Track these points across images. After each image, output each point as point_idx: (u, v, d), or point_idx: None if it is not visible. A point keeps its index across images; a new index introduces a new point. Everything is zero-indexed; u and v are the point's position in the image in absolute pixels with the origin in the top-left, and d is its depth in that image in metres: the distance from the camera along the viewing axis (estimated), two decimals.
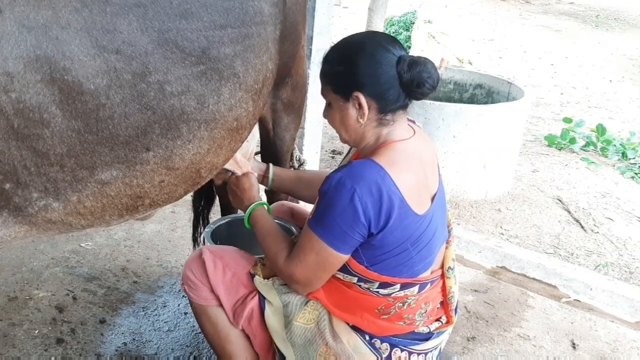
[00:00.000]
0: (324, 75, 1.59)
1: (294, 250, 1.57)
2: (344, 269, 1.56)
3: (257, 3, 1.59)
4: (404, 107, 1.55)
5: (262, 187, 2.08)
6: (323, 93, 1.61)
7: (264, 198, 2.28)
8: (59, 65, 1.26)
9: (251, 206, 1.80)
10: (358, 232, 1.46)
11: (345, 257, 1.51)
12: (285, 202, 2.19)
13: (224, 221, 2.17)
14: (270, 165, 2.02)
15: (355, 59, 1.51)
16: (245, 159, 1.98)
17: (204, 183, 1.76)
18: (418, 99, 1.54)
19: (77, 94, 1.29)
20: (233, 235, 2.10)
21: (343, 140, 1.64)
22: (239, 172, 1.92)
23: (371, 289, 1.57)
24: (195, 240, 2.65)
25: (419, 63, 1.49)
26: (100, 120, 1.35)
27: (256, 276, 1.70)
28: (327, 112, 1.61)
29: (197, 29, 1.45)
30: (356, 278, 1.56)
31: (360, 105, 1.51)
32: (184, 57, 1.43)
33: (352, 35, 1.63)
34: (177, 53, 1.42)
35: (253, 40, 1.59)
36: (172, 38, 1.41)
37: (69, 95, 1.29)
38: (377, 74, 1.49)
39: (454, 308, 1.71)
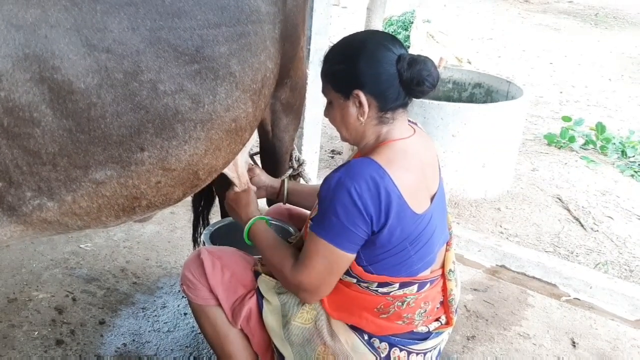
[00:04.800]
0: (325, 74, 1.59)
1: (300, 257, 1.56)
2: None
3: (254, 2, 1.58)
4: (404, 105, 1.56)
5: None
6: (324, 91, 1.61)
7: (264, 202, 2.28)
8: (49, 64, 1.25)
9: (249, 222, 1.77)
10: (361, 228, 1.46)
11: (351, 257, 1.51)
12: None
13: (222, 223, 2.17)
14: (285, 180, 2.03)
15: (356, 57, 1.51)
16: (245, 163, 1.97)
17: (203, 186, 1.74)
18: (418, 97, 1.55)
19: (67, 92, 1.29)
20: (232, 237, 2.09)
21: (343, 139, 1.64)
22: (237, 186, 1.92)
23: (370, 287, 1.57)
24: (195, 240, 2.65)
25: (419, 61, 1.49)
26: (91, 120, 1.34)
27: (261, 274, 1.70)
28: (328, 111, 1.62)
29: (191, 28, 1.44)
30: (355, 279, 1.56)
31: (360, 103, 1.52)
32: (177, 55, 1.42)
33: (353, 34, 1.63)
34: (170, 52, 1.41)
35: (249, 38, 1.58)
36: (165, 37, 1.40)
37: (59, 94, 1.28)
38: (377, 72, 1.49)
39: (454, 310, 1.72)
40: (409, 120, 1.63)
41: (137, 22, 1.36)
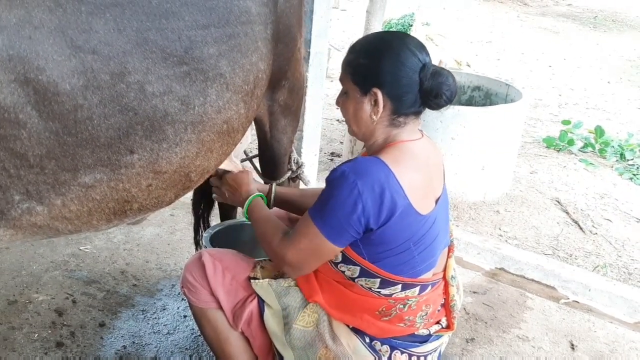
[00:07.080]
0: (348, 64, 1.59)
1: (291, 233, 1.59)
2: (347, 260, 1.56)
3: (243, 2, 1.57)
4: (417, 113, 1.57)
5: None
6: (342, 80, 1.62)
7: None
8: (33, 64, 1.23)
9: (250, 198, 1.81)
10: (354, 227, 1.46)
11: (338, 249, 1.52)
12: None
13: (222, 226, 2.17)
14: (273, 185, 2.04)
15: (382, 55, 1.52)
16: (235, 168, 1.98)
17: (195, 187, 1.73)
18: (433, 108, 1.56)
19: (52, 94, 1.27)
20: (231, 240, 2.10)
21: (351, 133, 1.64)
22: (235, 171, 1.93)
23: (372, 288, 1.57)
24: (197, 243, 2.65)
25: (442, 74, 1.52)
26: (78, 122, 1.32)
27: (254, 280, 1.71)
28: (342, 100, 1.62)
29: (179, 29, 1.42)
30: (359, 268, 1.55)
31: (376, 102, 1.53)
32: (165, 57, 1.40)
33: (384, 32, 1.65)
34: (157, 53, 1.39)
35: (239, 39, 1.56)
36: (152, 38, 1.38)
37: (45, 95, 1.26)
38: (400, 75, 1.51)
39: (455, 315, 1.72)
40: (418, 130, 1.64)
41: (124, 23, 1.34)
